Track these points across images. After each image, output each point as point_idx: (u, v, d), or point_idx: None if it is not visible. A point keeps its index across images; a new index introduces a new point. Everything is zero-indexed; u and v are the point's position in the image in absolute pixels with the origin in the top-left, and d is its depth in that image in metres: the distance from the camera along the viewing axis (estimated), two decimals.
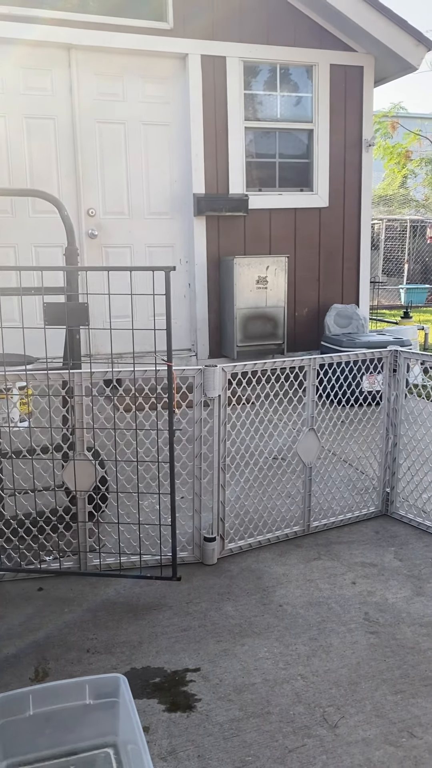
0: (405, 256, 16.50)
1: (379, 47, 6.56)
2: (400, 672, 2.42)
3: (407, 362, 3.67)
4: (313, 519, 3.57)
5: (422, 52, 6.64)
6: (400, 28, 6.49)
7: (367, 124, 6.91)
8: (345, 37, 6.60)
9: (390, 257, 16.89)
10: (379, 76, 7.05)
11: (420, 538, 3.48)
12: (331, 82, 6.64)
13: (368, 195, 7.05)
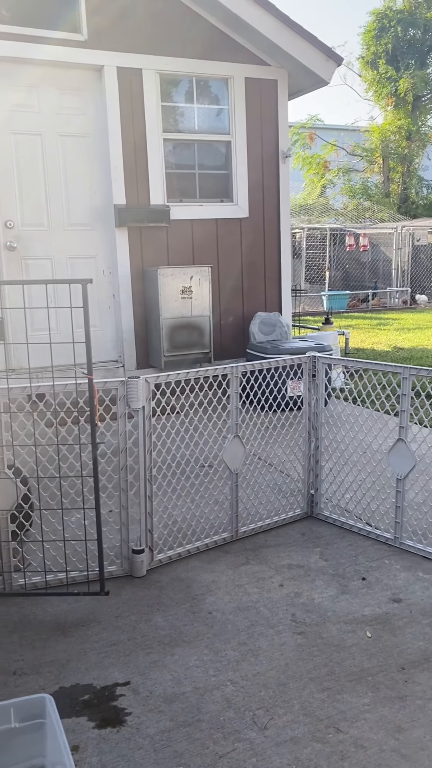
0: (326, 263, 16.96)
1: (292, 62, 6.75)
2: (326, 670, 2.48)
3: (325, 367, 3.78)
4: (241, 524, 3.62)
5: (332, 67, 6.88)
6: (310, 44, 6.70)
7: (283, 136, 7.09)
8: (259, 52, 6.76)
9: (312, 265, 17.32)
10: (294, 89, 7.25)
11: (344, 537, 3.58)
12: (247, 95, 6.78)
13: (287, 205, 7.22)
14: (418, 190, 24.62)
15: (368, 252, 17.96)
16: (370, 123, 24.72)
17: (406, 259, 17.74)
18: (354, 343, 10.38)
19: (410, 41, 22.48)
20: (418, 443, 3.59)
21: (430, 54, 23.12)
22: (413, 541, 3.42)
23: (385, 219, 20.52)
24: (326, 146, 25.01)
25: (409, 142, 23.14)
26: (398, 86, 22.17)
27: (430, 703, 2.30)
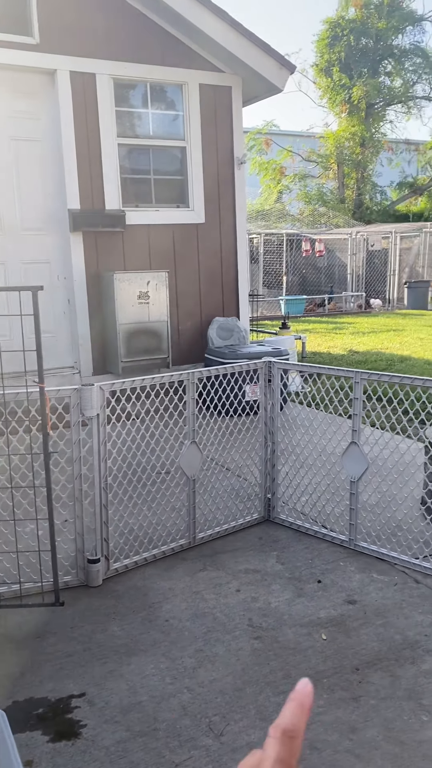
0: (283, 268, 17.12)
1: (246, 69, 6.81)
2: (282, 673, 2.50)
3: (280, 372, 3.82)
4: (199, 531, 3.62)
5: (286, 75, 6.97)
6: (264, 52, 6.77)
7: (239, 142, 7.14)
8: (213, 59, 6.80)
9: (269, 270, 17.46)
10: (248, 96, 7.31)
11: (300, 540, 3.62)
12: (202, 101, 6.81)
13: (243, 211, 7.27)
14: (372, 196, 25.09)
15: (324, 257, 18.20)
16: (325, 129, 25.09)
17: (361, 264, 18.04)
18: (311, 347, 10.50)
19: (362, 50, 22.92)
20: (371, 446, 3.65)
21: (381, 63, 23.61)
22: (367, 543, 3.47)
23: (341, 224, 20.84)
24: (282, 152, 25.28)
25: (363, 148, 23.57)
26: (351, 94, 22.58)
27: (384, 702, 2.34)
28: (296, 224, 20.28)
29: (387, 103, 24.08)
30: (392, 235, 17.93)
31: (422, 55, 23.53)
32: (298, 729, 0.45)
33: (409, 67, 23.74)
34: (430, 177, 25.66)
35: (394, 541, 3.46)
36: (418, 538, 3.48)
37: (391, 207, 25.72)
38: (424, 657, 2.59)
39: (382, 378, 3.48)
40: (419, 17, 23.45)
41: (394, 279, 17.93)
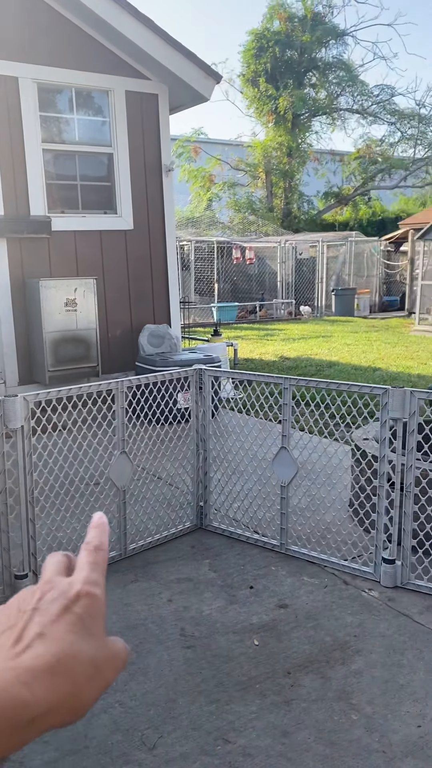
0: (215, 275, 17.23)
1: (172, 77, 6.83)
2: (215, 681, 2.49)
3: (211, 379, 3.83)
4: (130, 541, 3.57)
5: (212, 84, 7.03)
6: (190, 61, 6.81)
7: (166, 149, 7.14)
8: (140, 66, 6.78)
9: (201, 277, 17.54)
10: (175, 104, 7.32)
11: (232, 547, 3.63)
12: (128, 108, 6.78)
13: (172, 217, 7.27)
14: (299, 206, 25.62)
15: (255, 265, 18.43)
16: (253, 139, 25.47)
17: (290, 272, 18.37)
18: (243, 354, 10.60)
19: (288, 62, 23.42)
20: (300, 450, 3.71)
21: (306, 75, 24.20)
22: (298, 547, 3.52)
23: (270, 233, 21.17)
24: (211, 160, 25.50)
25: (290, 158, 24.06)
26: (278, 104, 23.01)
27: (315, 704, 2.36)
28: (226, 232, 20.47)
29: (312, 114, 24.68)
30: (319, 244, 18.36)
31: (345, 69, 24.27)
32: (104, 544, 0.56)
33: (333, 79, 24.43)
34: (354, 187, 26.44)
35: (324, 544, 3.52)
36: (346, 540, 3.55)
37: (318, 216, 26.35)
38: (354, 657, 2.64)
39: (310, 384, 3.55)
40: (341, 32, 24.19)
41: (322, 286, 18.35)
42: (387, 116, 25.30)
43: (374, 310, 18.72)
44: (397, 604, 3.02)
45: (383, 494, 3.20)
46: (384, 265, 19.26)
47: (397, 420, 3.15)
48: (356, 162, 25.85)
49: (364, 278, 19.16)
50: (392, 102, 25.23)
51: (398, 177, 25.96)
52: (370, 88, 25.01)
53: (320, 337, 13.04)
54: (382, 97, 25.12)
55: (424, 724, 2.26)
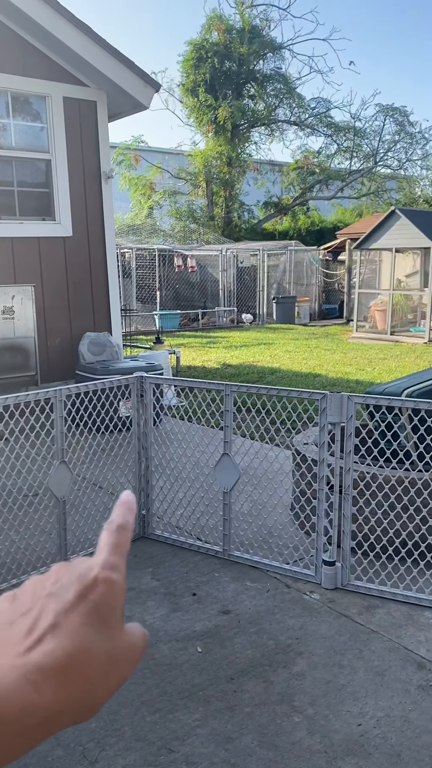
0: (156, 283, 17.20)
1: (111, 85, 6.80)
2: (158, 691, 2.47)
3: (153, 387, 3.81)
4: (71, 553, 3.51)
5: (151, 92, 7.04)
6: (129, 69, 6.80)
7: (105, 157, 7.10)
8: (78, 73, 6.73)
9: (143, 285, 17.47)
10: (114, 111, 7.30)
11: (176, 555, 3.61)
12: (66, 114, 6.71)
13: (112, 225, 7.23)
14: (240, 215, 25.88)
15: (197, 273, 18.50)
16: (193, 148, 25.62)
17: (232, 280, 18.52)
18: (186, 361, 10.60)
19: (226, 73, 23.67)
20: (242, 456, 3.73)
21: (245, 86, 24.52)
22: (240, 552, 3.54)
23: (211, 241, 21.29)
24: (151, 168, 25.49)
25: (230, 168, 24.29)
26: (217, 114, 23.22)
27: (258, 709, 2.38)
28: (168, 240, 20.48)
29: (251, 124, 25.01)
30: (260, 253, 18.59)
31: (283, 81, 24.71)
32: (129, 523, 0.52)
33: (271, 91, 24.83)
34: (293, 197, 26.91)
35: (266, 548, 3.55)
36: (288, 544, 3.59)
37: (258, 225, 26.67)
38: (296, 659, 2.66)
39: (251, 390, 3.58)
40: (279, 45, 24.64)
41: (264, 294, 18.57)
42: (324, 129, 25.89)
43: (314, 318, 19.07)
44: (337, 605, 3.07)
45: (323, 497, 3.25)
46: (323, 273, 19.66)
47: (335, 424, 3.22)
48: (295, 173, 26.32)
49: (304, 286, 19.50)
50: (328, 115, 25.84)
51: (335, 188, 26.58)
52: (307, 101, 25.55)
53: (262, 344, 13.18)
54: (318, 109, 25.69)
55: (364, 723, 2.30)
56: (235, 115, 23.06)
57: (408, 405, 3.37)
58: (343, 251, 19.07)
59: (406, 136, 26.11)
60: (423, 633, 2.84)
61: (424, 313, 14.51)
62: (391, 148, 26.35)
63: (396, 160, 26.85)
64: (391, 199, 27.43)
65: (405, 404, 3.37)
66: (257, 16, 24.48)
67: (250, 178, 26.30)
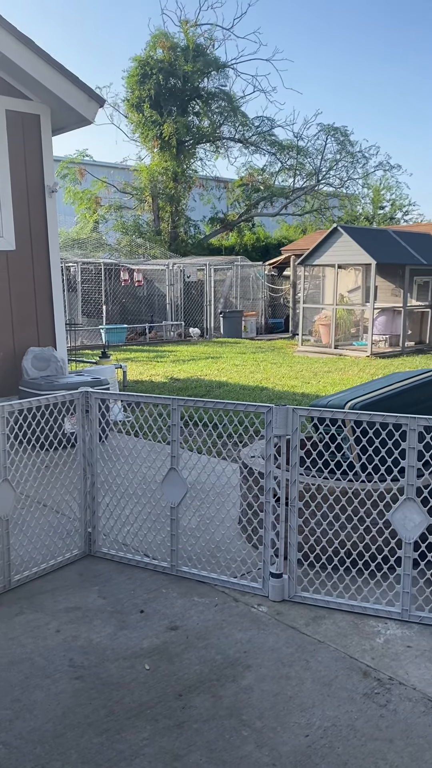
0: (102, 297, 17.08)
1: (55, 99, 6.76)
2: (105, 711, 2.43)
3: (98, 402, 3.78)
4: (15, 573, 3.43)
5: (95, 107, 7.03)
6: (73, 84, 6.78)
7: (49, 170, 7.04)
8: (21, 86, 6.66)
9: (89, 299, 17.33)
10: (58, 125, 7.24)
11: (122, 572, 3.57)
12: (8, 128, 6.63)
13: (56, 239, 7.15)
14: (186, 230, 26.02)
15: (143, 287, 18.47)
16: (139, 163, 25.66)
17: (179, 295, 18.58)
18: (133, 376, 10.55)
19: (171, 89, 23.87)
20: (190, 470, 3.73)
21: (190, 103, 24.76)
22: (188, 567, 3.52)
23: (158, 256, 21.32)
24: (97, 182, 25.39)
25: (176, 183, 24.43)
26: (162, 130, 23.35)
27: (206, 724, 2.37)
28: (114, 254, 20.39)
29: (196, 141, 25.25)
30: (207, 267, 18.72)
31: (227, 99, 25.07)
32: None
33: (215, 109, 25.15)
34: (238, 214, 27.24)
35: (214, 563, 3.55)
36: (235, 557, 3.60)
37: (204, 240, 26.87)
38: (244, 673, 2.67)
39: (198, 404, 3.59)
40: (223, 64, 25.02)
41: (211, 309, 18.69)
42: (267, 147, 26.36)
43: (261, 332, 19.30)
44: (284, 617, 3.10)
45: (269, 510, 3.28)
46: (269, 288, 19.94)
47: (280, 436, 3.26)
48: (240, 189, 26.68)
49: (251, 301, 19.73)
50: (272, 133, 26.34)
51: (280, 205, 27.06)
52: (251, 119, 25.99)
53: (209, 358, 13.25)
54: (262, 128, 26.17)
55: (311, 733, 2.32)
56: (180, 131, 23.24)
57: (351, 417, 3.44)
58: (288, 267, 19.41)
59: (347, 156, 26.85)
60: (368, 641, 2.89)
61: (366, 327, 14.87)
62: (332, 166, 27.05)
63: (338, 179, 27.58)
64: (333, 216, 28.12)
65: (348, 416, 3.45)
66: (201, 35, 24.84)
67: (196, 193, 26.51)
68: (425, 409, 3.87)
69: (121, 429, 6.17)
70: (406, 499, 3.06)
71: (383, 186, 31.18)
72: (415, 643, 2.88)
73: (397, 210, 32.68)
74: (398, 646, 2.86)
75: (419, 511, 3.05)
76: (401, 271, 14.52)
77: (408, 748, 2.25)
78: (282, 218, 29.29)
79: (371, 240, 14.49)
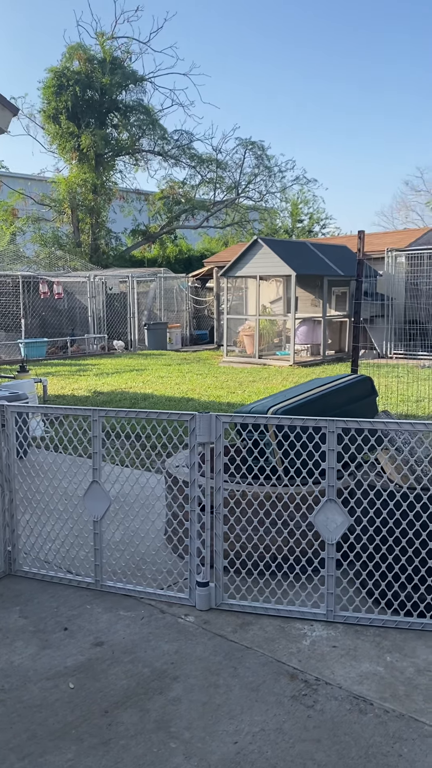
0: (21, 311, 16.66)
1: None
2: (27, 734, 2.34)
3: (15, 416, 3.66)
4: None
5: (8, 116, 6.88)
6: None
7: None
8: None
9: (6, 312, 16.85)
10: None
11: (45, 590, 3.46)
12: None
13: None
14: (108, 242, 25.79)
15: (64, 299, 18.14)
16: (57, 175, 25.27)
17: (102, 307, 18.35)
18: (54, 390, 10.31)
19: (89, 102, 23.69)
20: (112, 483, 3.66)
21: (108, 116, 24.64)
22: (113, 581, 3.46)
23: (78, 268, 21.00)
24: (13, 194, 24.82)
25: (96, 195, 24.19)
26: (80, 142, 23.11)
27: (133, 740, 2.31)
28: (32, 266, 19.93)
29: (116, 153, 25.13)
30: (129, 279, 18.60)
31: (145, 113, 25.11)
32: None
33: (134, 122, 25.13)
34: (160, 226, 27.27)
35: (140, 575, 3.50)
36: (161, 569, 3.56)
37: (126, 252, 26.72)
38: (172, 685, 2.63)
39: (119, 414, 3.54)
40: (140, 77, 25.07)
41: (135, 321, 18.56)
42: (187, 160, 26.56)
43: (186, 344, 19.34)
44: (212, 626, 3.08)
45: (195, 518, 3.27)
46: (193, 300, 20.02)
47: (204, 444, 3.26)
48: (161, 202, 26.72)
49: (175, 313, 19.75)
50: (191, 147, 26.56)
51: (201, 217, 27.28)
52: (170, 133, 26.13)
53: (134, 370, 13.14)
54: (181, 141, 26.35)
55: (240, 740, 2.31)
56: (98, 143, 23.06)
57: (272, 422, 3.48)
58: (211, 278, 19.56)
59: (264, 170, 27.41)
60: (295, 644, 2.92)
61: (288, 337, 15.17)
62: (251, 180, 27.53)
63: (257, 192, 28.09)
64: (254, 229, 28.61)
65: (270, 421, 3.49)
66: (118, 47, 24.82)
67: (117, 205, 26.35)
68: (344, 413, 3.97)
69: (40, 444, 6.00)
70: (328, 501, 3.12)
71: (301, 200, 32.04)
72: (340, 642, 2.92)
73: (314, 223, 33.64)
74: (324, 646, 2.89)
75: (340, 511, 3.11)
76: (320, 282, 14.91)
77: (335, 746, 2.27)
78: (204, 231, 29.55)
79: (290, 252, 14.82)
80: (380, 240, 17.38)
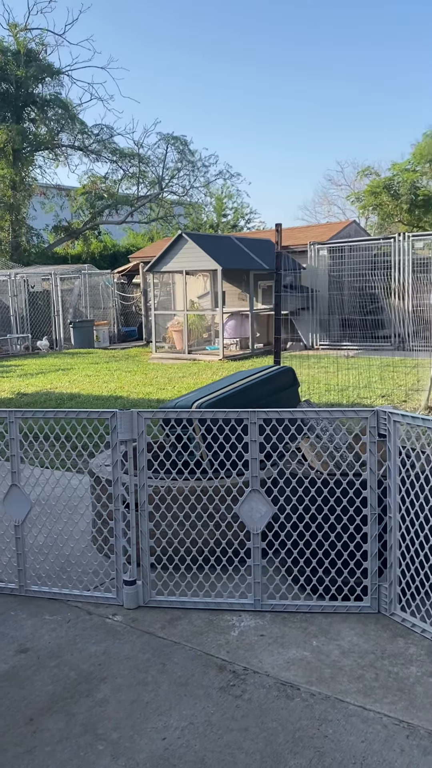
0: None
1: None
2: None
3: None
4: None
5: None
6: None
7: None
8: None
9: None
10: None
11: None
12: None
13: None
14: (29, 239, 25.16)
15: None
16: None
17: (24, 306, 17.88)
18: None
19: (4, 95, 23.00)
20: (32, 486, 3.56)
21: (24, 110, 24.00)
22: (38, 586, 3.37)
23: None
24: None
25: (15, 191, 23.53)
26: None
27: (59, 745, 2.26)
28: None
29: (34, 148, 24.52)
30: (52, 277, 18.20)
31: (63, 107, 24.60)
32: None
33: (52, 116, 24.59)
34: (83, 222, 26.82)
35: (65, 578, 3.43)
36: (87, 570, 3.50)
37: (49, 249, 26.15)
38: (99, 686, 2.59)
39: (37, 415, 3.45)
40: (57, 70, 24.53)
41: (59, 319, 18.20)
42: (108, 155, 26.22)
43: (114, 341, 19.10)
44: (140, 623, 3.05)
45: (119, 517, 3.22)
46: (119, 296, 19.79)
47: (126, 441, 3.22)
48: (83, 197, 26.27)
49: (102, 310, 19.46)
50: (112, 141, 26.24)
51: (125, 213, 27.01)
52: (90, 127, 25.72)
53: (60, 370, 12.88)
54: (102, 136, 25.98)
55: (168, 735, 2.30)
56: (14, 138, 22.41)
57: (195, 416, 3.47)
58: (138, 274, 19.39)
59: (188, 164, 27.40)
60: (223, 636, 2.93)
61: (217, 332, 15.23)
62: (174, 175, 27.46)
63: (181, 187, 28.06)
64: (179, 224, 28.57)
65: (193, 415, 3.48)
66: (32, 39, 24.18)
67: (37, 202, 25.73)
68: (267, 404, 4.01)
69: None
70: (252, 491, 3.14)
71: (225, 194, 32.20)
72: (267, 631, 2.96)
73: (239, 218, 33.90)
74: (252, 636, 2.92)
75: (264, 501, 3.14)
76: (246, 277, 15.03)
77: (262, 733, 2.29)
78: (129, 226, 29.28)
79: (216, 246, 14.86)
80: (303, 234, 17.69)
